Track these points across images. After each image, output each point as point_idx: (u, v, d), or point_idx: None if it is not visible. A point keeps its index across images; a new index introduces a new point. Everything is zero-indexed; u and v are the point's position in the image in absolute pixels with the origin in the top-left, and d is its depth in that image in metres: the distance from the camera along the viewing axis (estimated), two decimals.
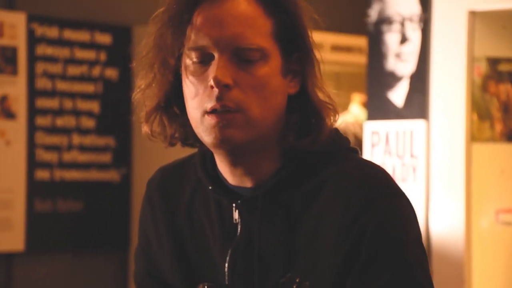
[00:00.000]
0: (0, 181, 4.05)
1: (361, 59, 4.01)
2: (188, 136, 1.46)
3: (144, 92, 1.45)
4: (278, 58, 1.40)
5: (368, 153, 2.92)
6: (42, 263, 4.17)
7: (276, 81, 1.39)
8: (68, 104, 4.21)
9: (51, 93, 4.18)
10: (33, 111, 4.16)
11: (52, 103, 4.19)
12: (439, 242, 2.73)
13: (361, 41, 2.89)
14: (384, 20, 2.88)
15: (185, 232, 1.50)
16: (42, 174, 4.20)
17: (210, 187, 1.46)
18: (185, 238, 1.50)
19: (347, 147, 1.47)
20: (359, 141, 3.15)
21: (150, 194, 1.56)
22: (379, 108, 2.89)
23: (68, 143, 4.26)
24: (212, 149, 1.43)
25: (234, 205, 1.43)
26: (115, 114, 4.27)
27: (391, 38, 2.86)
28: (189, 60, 1.39)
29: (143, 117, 1.46)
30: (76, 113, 4.26)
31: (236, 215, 1.44)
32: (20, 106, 4.11)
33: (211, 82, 1.36)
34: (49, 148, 4.21)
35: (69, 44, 4.25)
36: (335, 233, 1.36)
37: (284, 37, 1.40)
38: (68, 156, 4.27)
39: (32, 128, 4.15)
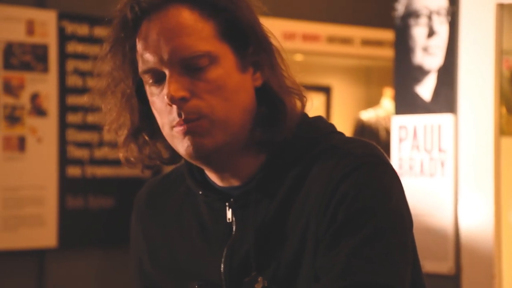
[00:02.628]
0: (32, 178, 4.08)
1: (392, 53, 3.97)
2: (165, 156, 1.48)
3: (112, 124, 1.47)
4: (230, 56, 1.40)
5: (396, 148, 2.90)
6: (74, 259, 4.20)
7: (233, 79, 1.39)
8: (98, 101, 4.23)
9: (81, 90, 4.21)
10: (64, 108, 4.19)
11: (82, 100, 4.22)
12: (468, 237, 2.71)
13: (391, 35, 2.87)
14: (411, 14, 2.85)
15: (177, 241, 1.51)
16: (73, 171, 4.23)
17: (200, 192, 1.46)
18: (177, 247, 1.51)
19: (331, 131, 1.46)
20: (390, 136, 3.13)
21: (138, 208, 1.58)
22: (406, 102, 2.87)
23: (99, 140, 4.29)
24: (192, 161, 1.43)
25: (227, 204, 1.44)
26: None
27: (418, 31, 2.84)
28: (146, 83, 1.41)
29: (119, 145, 1.48)
30: None
31: (229, 214, 1.44)
32: (51, 104, 4.15)
33: (166, 100, 1.37)
34: (80, 145, 4.24)
35: (100, 41, 4.26)
36: (319, 204, 1.36)
37: (232, 34, 1.40)
38: (99, 153, 4.30)
39: (63, 125, 4.19)
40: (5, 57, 4.03)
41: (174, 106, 1.36)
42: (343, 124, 6.43)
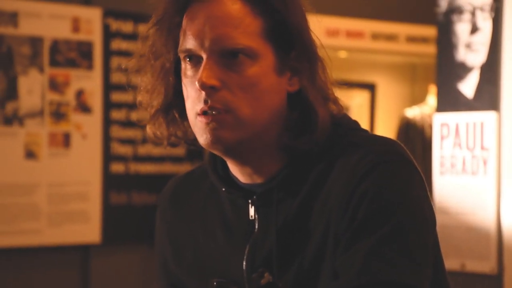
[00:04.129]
0: (77, 174, 4.13)
1: None
2: (188, 137, 1.47)
3: (145, 95, 1.47)
4: (270, 57, 1.38)
5: (438, 146, 2.87)
6: (117, 254, 4.23)
7: (268, 80, 1.38)
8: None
9: (125, 87, 4.24)
10: (108, 105, 4.23)
11: (126, 97, 4.25)
12: (511, 236, 2.67)
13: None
14: (454, 10, 2.82)
15: (200, 238, 1.51)
16: (117, 167, 4.26)
17: (223, 189, 1.46)
18: (200, 243, 1.51)
19: (354, 128, 1.45)
20: None
21: (162, 206, 1.59)
22: (449, 99, 2.84)
23: (143, 137, 4.32)
24: (207, 148, 1.43)
25: (249, 201, 1.43)
26: None
27: (461, 28, 2.81)
28: (183, 63, 1.40)
29: (147, 120, 1.48)
30: None
31: (252, 211, 1.44)
32: (95, 100, 4.19)
33: (197, 85, 1.36)
34: (124, 141, 4.28)
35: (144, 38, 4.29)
36: (340, 202, 1.35)
37: (278, 36, 1.39)
38: (142, 150, 4.33)
39: (107, 122, 4.23)
40: (51, 54, 4.08)
41: (203, 93, 1.36)
42: (388, 122, 6.38)
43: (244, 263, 1.43)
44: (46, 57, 4.07)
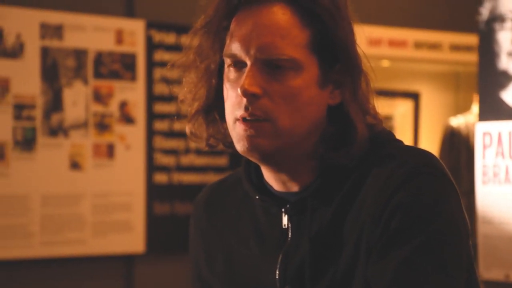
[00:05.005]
0: (121, 184, 4.16)
1: None
2: (227, 140, 1.47)
3: (187, 94, 1.47)
4: (314, 70, 1.38)
5: (480, 155, 2.84)
6: (161, 264, 4.26)
7: (310, 92, 1.38)
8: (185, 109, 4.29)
9: (168, 98, 4.28)
10: (151, 116, 4.27)
11: (169, 107, 4.28)
12: None
13: None
14: (496, 18, 2.80)
15: (233, 246, 1.51)
16: (160, 178, 4.29)
17: (257, 197, 1.46)
18: (233, 251, 1.51)
19: (390, 139, 1.44)
20: None
21: (196, 213, 1.59)
22: (491, 108, 2.81)
23: (185, 147, 4.35)
24: (243, 155, 1.43)
25: (283, 210, 1.43)
26: None
27: (503, 36, 2.78)
28: (227, 66, 1.40)
29: (187, 119, 1.48)
30: None
31: (285, 220, 1.44)
32: (139, 111, 4.22)
33: (239, 91, 1.36)
34: (167, 152, 4.31)
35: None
36: (373, 212, 1.35)
37: (323, 49, 1.38)
38: (185, 160, 4.35)
39: (150, 133, 4.26)
40: (95, 66, 4.13)
41: (244, 99, 1.36)
42: (432, 131, 6.34)
43: (277, 272, 1.43)
44: (90, 69, 4.12)
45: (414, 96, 6.44)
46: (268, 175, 1.46)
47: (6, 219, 3.91)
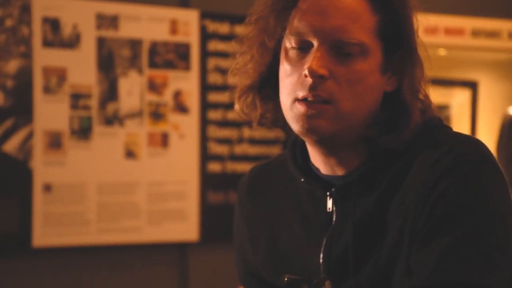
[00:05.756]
0: (175, 173, 4.20)
1: None
2: (278, 119, 1.47)
3: (240, 70, 1.47)
4: (378, 55, 1.38)
5: None
6: (215, 252, 4.28)
7: (373, 78, 1.37)
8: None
9: (222, 88, 4.30)
10: (205, 105, 4.29)
11: (223, 97, 4.30)
12: None
13: None
14: None
15: (277, 229, 1.51)
16: (214, 167, 4.32)
17: (302, 179, 1.46)
18: (277, 234, 1.51)
19: (437, 124, 1.43)
20: None
21: (240, 195, 1.59)
22: None
23: (239, 136, 4.36)
24: (300, 136, 1.43)
25: (328, 193, 1.43)
26: None
27: None
28: (289, 44, 1.39)
29: (237, 94, 1.48)
30: None
31: (330, 203, 1.43)
32: (193, 101, 4.25)
33: (306, 72, 1.35)
34: (220, 141, 4.33)
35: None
36: (417, 199, 1.33)
37: (388, 35, 1.37)
38: (239, 149, 4.37)
39: (204, 122, 4.28)
40: (150, 56, 4.16)
41: (309, 80, 1.36)
42: (490, 120, 6.24)
43: (321, 256, 1.43)
44: (145, 59, 4.15)
45: (472, 85, 6.36)
46: (316, 158, 1.46)
47: (63, 207, 3.98)
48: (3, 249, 3.84)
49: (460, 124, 6.06)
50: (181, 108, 4.22)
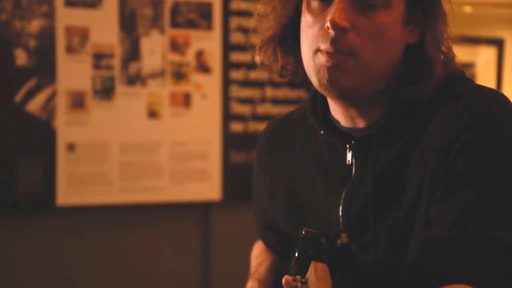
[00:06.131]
0: (197, 133, 4.20)
1: None
2: (299, 71, 1.46)
3: (261, 21, 1.46)
4: (401, 7, 1.36)
5: None
6: (237, 212, 4.30)
7: (395, 30, 1.36)
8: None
9: (244, 48, 4.27)
10: (227, 65, 4.27)
11: (245, 57, 4.28)
12: None
13: None
14: None
15: (296, 182, 1.51)
16: (236, 127, 4.31)
17: (322, 132, 1.45)
18: (296, 187, 1.51)
19: (459, 77, 1.41)
20: None
21: (260, 148, 1.59)
22: None
23: (261, 96, 4.35)
24: (319, 91, 1.42)
25: (347, 146, 1.42)
26: None
27: None
28: None
29: (257, 46, 1.48)
30: None
31: (349, 156, 1.43)
32: (215, 61, 4.23)
33: (328, 24, 1.34)
34: (243, 101, 4.32)
35: None
36: (438, 152, 1.32)
37: None
38: (261, 109, 4.36)
39: (226, 82, 4.27)
40: (172, 15, 4.14)
41: (331, 32, 1.35)
42: None
43: (341, 208, 1.43)
44: (167, 18, 4.13)
45: (498, 43, 6.28)
46: (337, 110, 1.45)
47: (86, 166, 4.00)
48: (28, 207, 3.87)
49: (485, 83, 5.99)
50: (204, 68, 4.21)
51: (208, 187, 4.23)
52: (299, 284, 1.10)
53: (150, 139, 4.11)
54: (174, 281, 4.19)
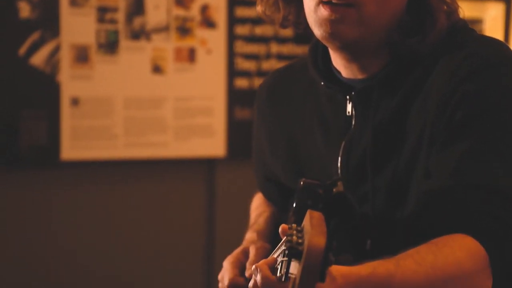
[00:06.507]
0: (202, 89, 4.19)
1: None
2: (300, 21, 1.45)
3: None
4: None
5: None
6: (241, 167, 4.30)
7: None
8: None
9: (249, 2, 4.24)
10: (232, 20, 4.24)
11: (250, 12, 4.24)
12: None
13: None
14: None
15: (296, 133, 1.50)
16: (241, 83, 4.30)
17: (322, 83, 1.44)
18: (296, 138, 1.50)
19: (461, 26, 1.40)
20: None
21: (260, 99, 1.58)
22: None
23: (267, 52, 4.32)
24: (322, 42, 1.41)
25: (348, 97, 1.41)
26: None
27: None
28: None
29: None
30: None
31: (349, 107, 1.42)
32: (220, 16, 4.20)
33: None
34: (248, 57, 4.29)
35: None
36: (439, 102, 1.31)
37: None
38: (266, 65, 4.33)
39: (231, 37, 4.24)
40: None
41: None
42: None
43: (339, 159, 1.42)
44: None
45: None
46: (338, 62, 1.45)
47: (91, 120, 3.99)
48: (33, 161, 3.88)
49: None
50: (209, 23, 4.18)
51: (213, 143, 4.22)
52: (294, 232, 1.09)
53: (154, 95, 4.10)
54: (178, 236, 4.20)
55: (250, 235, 1.62)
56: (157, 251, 4.15)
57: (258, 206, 1.71)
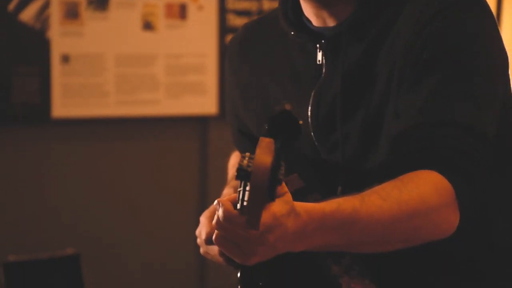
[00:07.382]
0: (193, 45, 4.15)
1: None
2: None
3: None
4: None
5: None
6: None
7: None
8: None
9: None
10: None
11: None
12: None
13: None
14: None
15: (268, 85, 1.50)
16: None
17: (292, 33, 1.44)
18: (268, 90, 1.50)
19: None
20: None
21: (231, 52, 1.57)
22: None
23: (258, 8, 4.29)
24: None
25: (318, 46, 1.41)
26: None
27: None
28: None
29: None
30: None
31: (319, 56, 1.41)
32: None
33: None
34: (240, 13, 4.26)
35: None
36: (405, 45, 1.31)
37: None
38: None
39: None
40: None
41: None
42: None
43: (310, 108, 1.42)
44: None
45: None
46: (308, 10, 1.44)
47: (82, 78, 3.97)
48: (23, 118, 3.87)
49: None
50: None
51: (205, 101, 4.20)
52: (247, 158, 1.10)
53: (145, 52, 4.07)
54: (171, 194, 4.20)
55: (227, 191, 1.63)
56: (149, 209, 4.15)
57: (235, 163, 1.71)
